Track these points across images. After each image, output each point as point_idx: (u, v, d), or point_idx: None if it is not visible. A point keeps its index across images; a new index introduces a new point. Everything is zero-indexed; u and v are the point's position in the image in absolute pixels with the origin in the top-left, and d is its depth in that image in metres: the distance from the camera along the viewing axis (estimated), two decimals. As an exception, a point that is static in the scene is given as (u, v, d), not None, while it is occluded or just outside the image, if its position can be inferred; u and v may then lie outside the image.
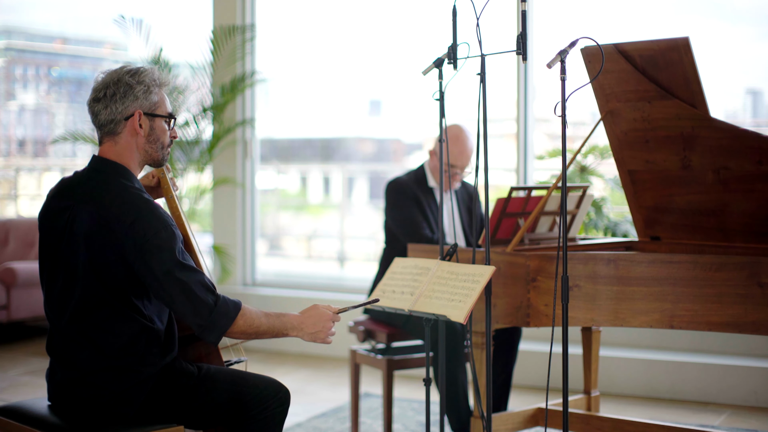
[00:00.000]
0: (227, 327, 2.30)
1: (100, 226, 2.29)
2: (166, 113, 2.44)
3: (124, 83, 2.37)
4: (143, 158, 2.44)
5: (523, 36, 2.60)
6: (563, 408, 2.59)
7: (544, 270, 3.05)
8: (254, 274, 6.46)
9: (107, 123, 2.38)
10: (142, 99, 2.38)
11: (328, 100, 7.43)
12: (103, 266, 2.30)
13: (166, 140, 2.45)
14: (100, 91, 2.39)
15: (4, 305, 6.06)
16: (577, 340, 4.46)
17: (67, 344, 2.35)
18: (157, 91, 2.42)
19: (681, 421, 4.25)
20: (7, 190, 9.54)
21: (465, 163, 3.94)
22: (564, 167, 2.54)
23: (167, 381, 2.38)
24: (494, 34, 3.66)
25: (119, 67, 2.43)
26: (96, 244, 2.29)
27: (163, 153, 2.46)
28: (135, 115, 2.38)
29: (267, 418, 2.40)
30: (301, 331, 2.40)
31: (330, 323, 2.43)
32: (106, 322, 2.32)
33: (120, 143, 2.39)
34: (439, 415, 2.93)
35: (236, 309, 2.32)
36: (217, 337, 2.31)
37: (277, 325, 2.38)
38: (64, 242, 2.34)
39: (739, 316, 2.72)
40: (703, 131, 3.09)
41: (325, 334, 2.42)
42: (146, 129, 2.40)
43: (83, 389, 2.33)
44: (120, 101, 2.37)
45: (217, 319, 2.28)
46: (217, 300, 2.30)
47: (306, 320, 2.41)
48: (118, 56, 9.91)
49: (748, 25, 5.54)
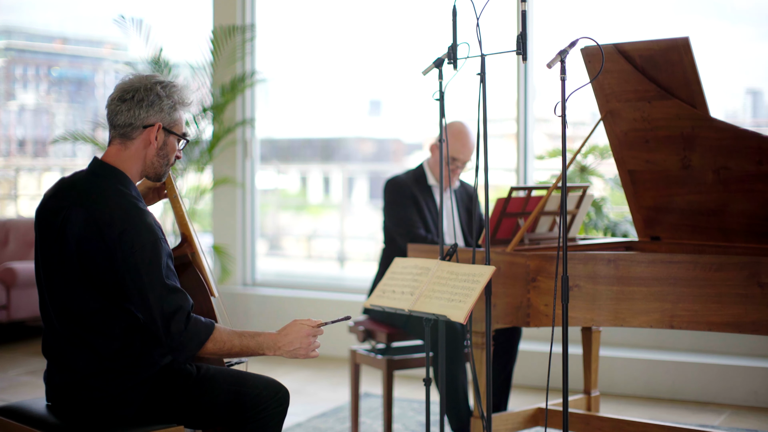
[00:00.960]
0: (196, 350, 2.31)
1: (91, 231, 2.28)
2: (181, 133, 2.46)
3: (155, 93, 2.39)
4: (146, 169, 2.44)
5: (523, 36, 2.60)
6: (563, 408, 2.59)
7: (544, 270, 3.05)
8: (254, 274, 6.46)
9: (125, 125, 2.38)
10: (166, 113, 2.40)
11: (328, 100, 7.43)
12: (95, 270, 2.30)
13: (172, 158, 2.47)
14: (128, 93, 2.39)
15: (4, 305, 6.06)
16: (577, 340, 4.46)
17: (63, 347, 2.35)
18: (180, 110, 2.44)
19: (681, 421, 4.25)
20: (7, 190, 9.53)
21: (467, 158, 3.95)
22: (564, 167, 2.54)
23: (166, 382, 2.38)
24: (494, 34, 3.66)
25: (151, 75, 2.44)
26: (87, 248, 2.29)
27: (166, 169, 2.48)
28: (154, 126, 2.39)
29: (266, 418, 2.40)
30: (279, 350, 2.38)
31: (309, 339, 2.40)
32: (101, 324, 2.31)
33: (129, 149, 2.40)
34: (439, 415, 2.93)
35: (207, 333, 2.31)
36: (185, 358, 2.33)
37: (252, 346, 2.37)
38: (57, 243, 2.34)
39: (739, 316, 2.72)
40: (703, 131, 3.09)
41: (305, 350, 2.39)
42: (160, 142, 2.41)
43: (82, 392, 2.33)
44: (145, 109, 2.38)
45: (186, 341, 2.28)
46: (188, 323, 2.28)
47: (282, 339, 2.38)
48: (118, 56, 9.91)
49: (748, 25, 5.54)
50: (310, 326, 2.41)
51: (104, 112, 2.46)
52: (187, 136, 2.49)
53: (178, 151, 2.48)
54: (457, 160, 3.93)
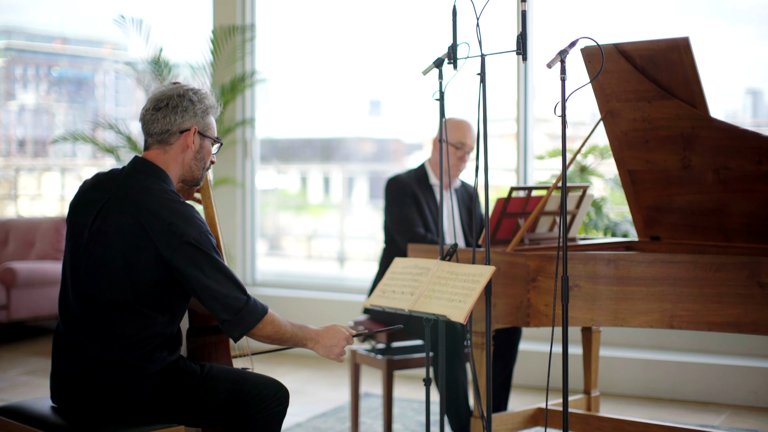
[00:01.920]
0: (252, 326, 2.36)
1: (137, 224, 2.33)
2: (215, 137, 2.53)
3: (187, 99, 2.46)
4: (183, 173, 2.50)
5: (523, 36, 2.60)
6: (563, 408, 2.59)
7: (544, 270, 3.05)
8: (254, 274, 6.46)
9: (162, 132, 2.45)
10: (200, 117, 2.48)
11: (328, 100, 7.43)
12: (136, 264, 2.33)
13: (208, 162, 2.54)
14: (162, 101, 2.45)
15: (4, 305, 6.06)
16: (577, 340, 4.46)
17: (77, 338, 2.37)
18: (212, 115, 2.52)
19: (681, 421, 4.25)
20: (7, 190, 9.53)
21: (473, 142, 3.96)
22: (564, 167, 2.55)
23: (170, 379, 2.40)
24: (494, 34, 3.66)
25: (180, 84, 2.52)
26: (131, 241, 2.33)
27: (203, 174, 2.54)
28: (191, 131, 2.46)
29: (266, 417, 2.42)
30: (318, 344, 2.49)
31: (344, 342, 2.52)
32: (122, 318, 2.34)
33: (169, 153, 2.46)
34: (439, 415, 2.93)
35: (264, 311, 2.39)
36: (240, 333, 2.37)
37: (299, 335, 2.47)
38: (93, 233, 2.38)
39: (739, 316, 2.72)
40: (703, 131, 3.09)
41: (339, 350, 2.52)
42: (197, 146, 2.48)
43: (87, 384, 2.35)
44: (180, 114, 2.45)
45: (245, 315, 2.35)
46: (248, 299, 2.37)
47: (324, 334, 2.51)
48: (118, 56, 9.91)
49: (748, 25, 5.54)
50: (349, 333, 2.55)
51: (104, 111, 2.49)
52: (221, 140, 2.57)
53: (213, 155, 2.55)
54: (464, 145, 3.95)
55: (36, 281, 6.19)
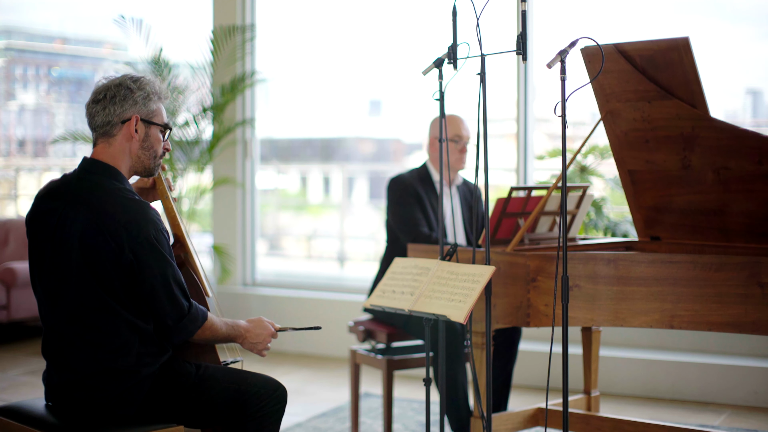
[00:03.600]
0: (193, 333, 2.40)
1: (94, 226, 2.30)
2: (163, 123, 2.47)
3: (125, 87, 2.41)
4: (134, 164, 2.45)
5: (523, 36, 2.60)
6: (563, 408, 2.59)
7: (544, 270, 3.05)
8: (254, 274, 6.46)
9: (103, 125, 2.41)
10: (141, 105, 2.42)
11: (328, 100, 7.43)
12: (99, 266, 2.30)
13: (159, 150, 2.48)
14: (100, 93, 2.42)
15: (4, 305, 6.06)
16: (577, 340, 4.46)
17: (63, 347, 2.35)
18: (156, 101, 2.45)
19: (681, 421, 4.25)
20: (7, 190, 9.53)
21: (468, 134, 3.99)
22: (564, 167, 2.54)
23: (166, 380, 2.39)
24: (494, 34, 3.66)
25: (122, 75, 2.47)
26: (91, 244, 2.30)
27: (155, 162, 2.48)
28: (132, 120, 2.41)
29: (264, 416, 2.42)
30: (244, 340, 2.53)
31: (269, 338, 2.55)
32: (101, 323, 2.32)
33: (114, 146, 2.41)
34: (439, 415, 2.93)
35: (204, 318, 2.41)
36: (180, 341, 2.39)
37: (232, 334, 2.50)
38: (55, 243, 2.34)
39: (739, 316, 2.72)
40: (703, 131, 3.09)
41: (262, 346, 2.56)
42: (141, 135, 2.43)
43: (81, 392, 2.33)
44: (119, 104, 2.40)
45: (187, 324, 2.37)
46: (190, 306, 2.38)
47: (252, 330, 2.53)
48: (118, 56, 9.91)
49: (748, 25, 5.54)
50: (275, 328, 2.57)
51: None
52: (170, 125, 2.50)
53: (165, 142, 2.49)
54: (461, 137, 3.96)
55: (36, 281, 6.18)
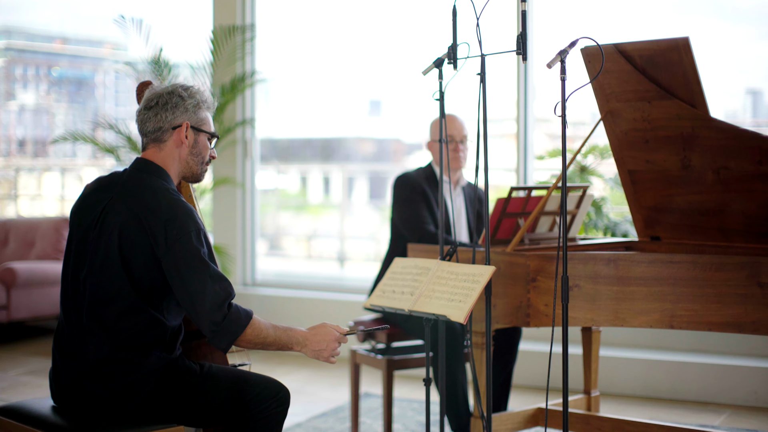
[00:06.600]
0: (237, 334, 2.35)
1: (135, 220, 2.34)
2: (210, 131, 2.54)
3: (176, 95, 2.48)
4: (183, 169, 2.52)
5: (523, 36, 2.60)
6: (563, 408, 2.59)
7: (544, 270, 3.05)
8: (254, 274, 6.46)
9: (155, 130, 2.47)
10: (191, 112, 2.49)
11: (328, 100, 7.43)
12: (132, 259, 2.35)
13: (206, 156, 2.54)
14: (152, 100, 2.49)
15: (4, 305, 6.06)
16: (577, 340, 4.46)
17: (78, 337, 2.38)
18: (205, 110, 2.53)
19: (681, 421, 4.25)
20: (7, 190, 9.54)
21: (461, 132, 3.99)
22: (564, 167, 2.55)
23: (170, 377, 2.40)
24: (494, 34, 3.66)
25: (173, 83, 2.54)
26: (129, 236, 2.35)
27: (202, 168, 2.55)
28: (183, 126, 2.47)
29: (267, 418, 2.42)
30: (306, 348, 2.45)
31: (335, 344, 2.48)
32: (123, 314, 2.35)
33: (164, 150, 2.48)
34: (439, 415, 2.93)
35: (247, 318, 2.37)
36: (227, 343, 2.36)
37: (284, 339, 2.43)
38: (94, 233, 2.39)
39: (739, 316, 2.72)
40: (703, 131, 3.09)
41: (328, 353, 2.48)
42: (191, 141, 2.50)
43: (88, 383, 2.35)
44: (171, 111, 2.47)
45: (228, 325, 2.34)
46: (230, 307, 2.35)
47: (312, 337, 2.46)
48: (118, 56, 9.91)
49: (748, 25, 5.55)
50: (339, 332, 2.50)
51: (104, 111, 2.50)
52: (217, 134, 2.57)
53: (212, 149, 2.56)
54: (453, 137, 3.96)
55: (36, 281, 6.19)
